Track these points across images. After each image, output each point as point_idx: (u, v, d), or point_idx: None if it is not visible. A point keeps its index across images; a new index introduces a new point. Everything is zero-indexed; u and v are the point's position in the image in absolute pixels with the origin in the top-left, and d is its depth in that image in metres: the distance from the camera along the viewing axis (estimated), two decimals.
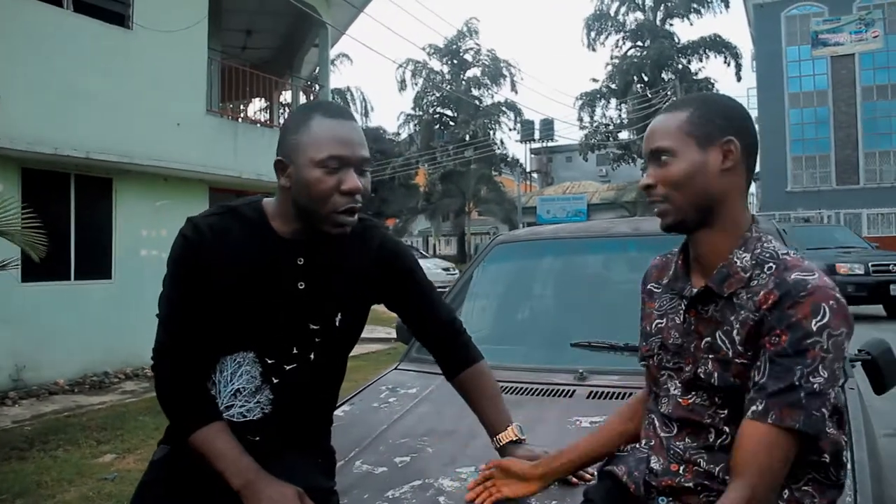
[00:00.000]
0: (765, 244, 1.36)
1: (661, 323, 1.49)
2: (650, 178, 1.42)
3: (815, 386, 1.20)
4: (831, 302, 1.22)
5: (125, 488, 4.55)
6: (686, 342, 1.41)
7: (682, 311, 1.43)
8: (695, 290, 1.40)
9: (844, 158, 36.09)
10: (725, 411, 1.34)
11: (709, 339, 1.36)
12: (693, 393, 1.39)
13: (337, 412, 2.12)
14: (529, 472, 1.66)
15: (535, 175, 51.67)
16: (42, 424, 6.67)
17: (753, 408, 1.23)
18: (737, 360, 1.30)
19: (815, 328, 1.20)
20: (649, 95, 37.18)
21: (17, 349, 8.16)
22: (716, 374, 1.33)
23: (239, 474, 1.51)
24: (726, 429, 1.33)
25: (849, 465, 1.69)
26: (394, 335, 11.49)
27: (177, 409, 1.60)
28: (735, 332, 1.31)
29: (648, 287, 1.59)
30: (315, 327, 1.64)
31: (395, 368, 2.85)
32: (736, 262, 1.35)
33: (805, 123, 36.72)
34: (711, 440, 1.35)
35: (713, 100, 1.43)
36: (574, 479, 1.73)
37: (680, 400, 1.41)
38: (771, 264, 1.32)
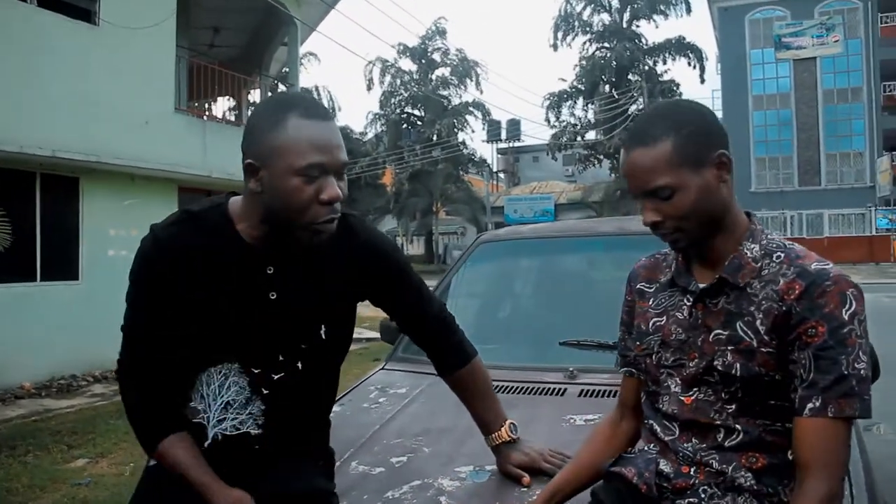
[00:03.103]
0: (769, 235, 1.40)
1: (661, 321, 1.48)
2: (656, 216, 1.38)
3: (861, 371, 1.24)
4: (852, 289, 1.27)
5: (100, 493, 4.48)
6: (691, 337, 1.40)
7: (686, 307, 1.43)
8: (701, 285, 1.40)
9: (806, 160, 36.82)
10: (733, 406, 1.34)
11: (721, 331, 1.36)
12: (696, 389, 1.39)
13: None
14: None
15: (501, 175, 51.87)
16: (9, 429, 6.53)
17: (810, 405, 1.25)
18: (762, 350, 1.31)
19: (846, 317, 1.25)
20: (616, 96, 37.51)
21: None
22: (738, 365, 1.32)
23: (196, 483, 1.49)
24: (737, 426, 1.34)
25: None
26: (365, 335, 11.35)
27: (138, 424, 1.56)
28: (758, 321, 1.31)
29: (639, 287, 1.58)
30: (298, 336, 1.57)
31: (382, 368, 2.83)
32: (746, 253, 1.37)
33: (768, 125, 37.42)
34: (720, 439, 1.35)
35: (686, 119, 1.37)
36: None
37: (682, 398, 1.41)
38: (780, 253, 1.35)
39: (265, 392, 1.55)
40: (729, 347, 1.34)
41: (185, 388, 1.56)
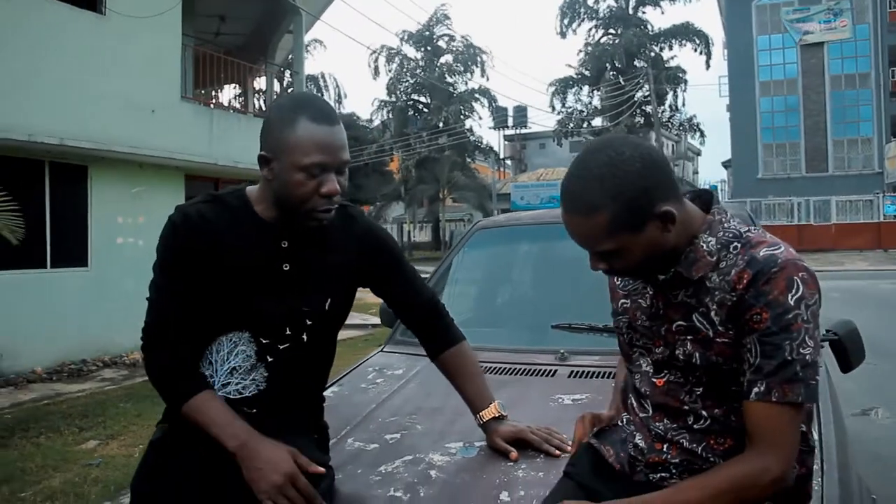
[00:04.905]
0: (726, 225, 1.38)
1: (627, 303, 1.52)
2: (603, 265, 1.38)
3: (806, 357, 1.26)
4: (802, 273, 1.27)
5: (111, 473, 4.60)
6: (655, 325, 1.44)
7: (648, 295, 1.46)
8: (661, 277, 1.41)
9: (814, 146, 36.63)
10: (700, 389, 1.39)
11: (682, 322, 1.38)
12: (666, 371, 1.44)
13: (326, 393, 2.20)
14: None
15: (508, 162, 51.78)
16: (22, 412, 6.66)
17: (756, 389, 1.28)
18: (718, 340, 1.33)
19: (792, 302, 1.25)
20: (622, 82, 37.39)
21: None
22: (696, 354, 1.36)
23: (234, 437, 1.59)
24: (704, 412, 1.39)
25: (816, 444, 1.79)
26: (371, 321, 11.46)
27: (167, 383, 1.67)
28: (713, 313, 1.33)
29: None
30: (306, 309, 1.73)
31: (381, 351, 2.93)
32: (702, 247, 1.36)
33: (775, 111, 37.21)
34: (691, 422, 1.41)
35: (623, 182, 1.28)
36: (556, 452, 1.81)
37: (654, 380, 1.46)
38: (735, 244, 1.34)
39: (270, 360, 1.72)
40: (688, 337, 1.37)
41: (200, 355, 1.72)
